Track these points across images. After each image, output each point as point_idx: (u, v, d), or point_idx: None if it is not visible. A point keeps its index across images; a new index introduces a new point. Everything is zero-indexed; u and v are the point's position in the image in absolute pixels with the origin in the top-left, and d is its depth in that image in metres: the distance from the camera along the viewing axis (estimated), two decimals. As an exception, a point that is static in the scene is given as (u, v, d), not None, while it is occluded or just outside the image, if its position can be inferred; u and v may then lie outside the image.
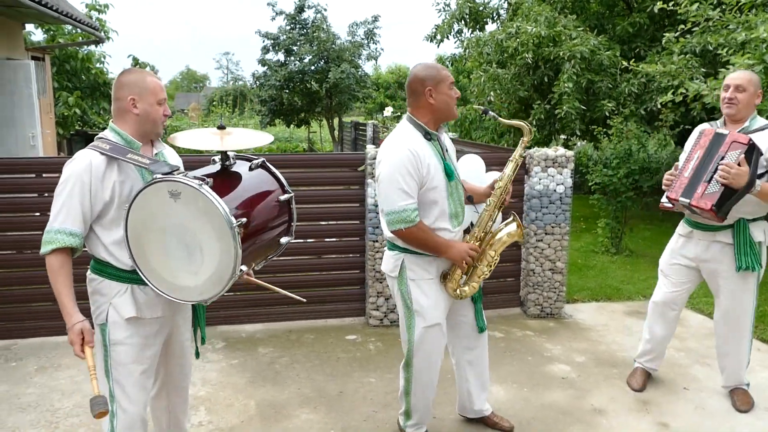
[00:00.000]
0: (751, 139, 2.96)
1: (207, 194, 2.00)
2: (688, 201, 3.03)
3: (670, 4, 6.51)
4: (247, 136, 2.42)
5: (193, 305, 2.54)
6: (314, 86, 16.34)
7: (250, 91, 27.28)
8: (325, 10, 17.22)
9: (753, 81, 3.12)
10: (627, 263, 6.72)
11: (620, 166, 6.75)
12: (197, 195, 2.01)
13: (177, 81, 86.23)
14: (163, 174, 2.08)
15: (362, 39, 17.66)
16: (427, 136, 2.69)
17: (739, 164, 2.90)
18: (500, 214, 2.93)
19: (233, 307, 4.68)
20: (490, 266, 2.87)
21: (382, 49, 18.10)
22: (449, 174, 2.69)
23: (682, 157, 3.28)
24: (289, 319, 4.79)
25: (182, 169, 2.40)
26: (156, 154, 2.37)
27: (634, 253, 7.09)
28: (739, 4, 5.90)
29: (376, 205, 4.54)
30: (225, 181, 2.27)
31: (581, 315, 5.04)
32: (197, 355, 2.64)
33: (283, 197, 2.39)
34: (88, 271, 2.31)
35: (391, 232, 2.69)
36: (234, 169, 2.35)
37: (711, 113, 6.96)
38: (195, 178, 2.04)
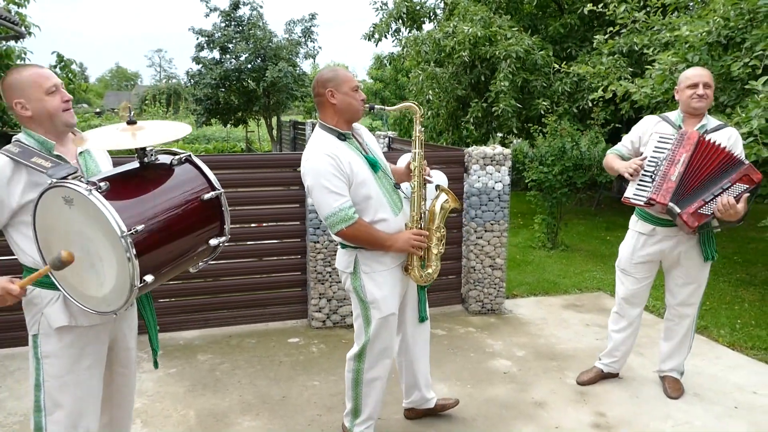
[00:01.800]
0: (761, 178, 3.06)
1: (95, 200, 1.83)
2: (678, 211, 3.07)
3: (600, 6, 6.74)
4: (163, 129, 2.17)
5: (139, 311, 2.42)
6: (251, 85, 16.03)
7: (185, 89, 26.55)
8: (261, 7, 16.95)
9: (712, 77, 3.28)
10: (563, 257, 6.91)
11: (555, 163, 6.94)
12: (87, 202, 1.85)
13: (106, 79, 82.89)
14: (58, 179, 1.91)
15: (299, 37, 17.47)
16: (341, 136, 2.74)
17: (738, 201, 3.01)
18: (425, 190, 2.93)
19: (169, 313, 4.51)
20: (441, 240, 2.90)
21: (320, 48, 17.97)
22: (373, 165, 2.76)
23: (650, 151, 3.24)
24: (228, 324, 4.66)
25: (95, 166, 2.25)
26: (80, 153, 2.22)
27: (569, 248, 7.30)
28: (664, 6, 6.17)
29: (317, 206, 4.50)
30: (133, 181, 2.08)
31: (521, 310, 5.14)
32: (155, 364, 2.49)
33: (208, 195, 2.16)
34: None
35: (335, 234, 2.71)
36: (155, 166, 2.14)
37: (639, 112, 7.24)
38: (88, 182, 1.88)
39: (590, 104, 8.30)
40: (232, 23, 16.76)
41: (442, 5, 10.64)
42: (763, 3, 4.58)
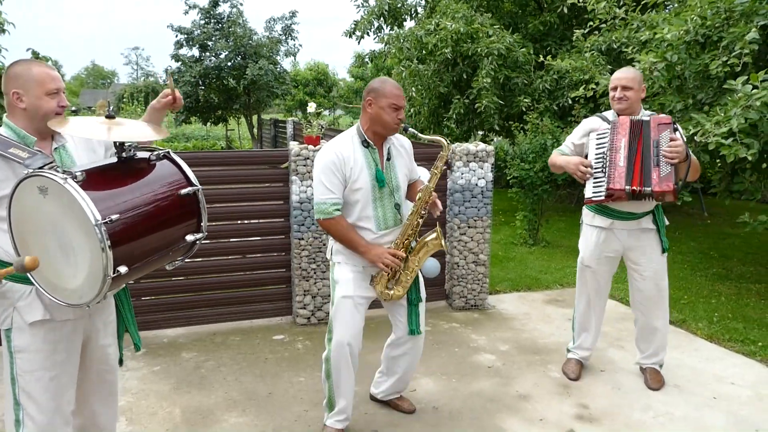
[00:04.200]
0: (671, 118, 3.21)
1: (70, 189, 1.83)
2: (650, 189, 3.17)
3: (580, 1, 6.81)
4: (139, 129, 2.17)
5: (117, 307, 2.40)
6: (231, 83, 15.92)
7: (163, 87, 26.26)
8: (241, 4, 16.84)
9: (637, 78, 3.39)
10: (544, 254, 6.99)
11: (536, 160, 7.00)
12: (62, 190, 1.84)
13: (82, 77, 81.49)
14: (34, 169, 1.92)
15: (280, 35, 17.38)
16: (365, 143, 2.87)
17: (672, 140, 3.16)
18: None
19: (152, 311, 4.48)
20: (413, 272, 2.96)
21: (301, 45, 17.90)
22: (380, 181, 2.86)
23: (593, 150, 3.40)
24: (212, 322, 4.64)
25: (71, 161, 2.23)
26: (55, 149, 2.19)
27: (550, 244, 7.38)
28: (642, 2, 6.27)
29: (301, 203, 4.50)
30: (111, 175, 2.08)
31: (504, 305, 5.19)
32: (120, 362, 2.49)
33: (185, 191, 2.15)
34: None
35: (316, 220, 2.98)
36: (132, 161, 2.14)
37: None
38: (64, 172, 1.88)
39: (570, 101, 8.40)
40: (212, 21, 16.62)
41: (423, 3, 10.66)
42: (739, 2, 4.68)
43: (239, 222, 4.67)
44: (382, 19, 10.46)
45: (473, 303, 5.06)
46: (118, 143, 2.09)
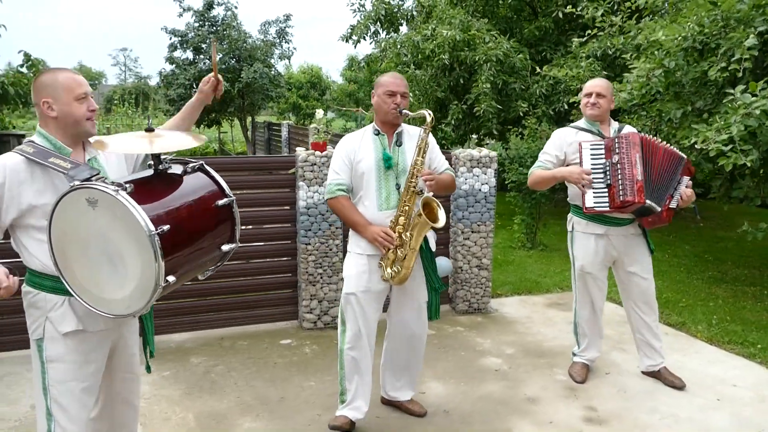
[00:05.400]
0: (680, 154, 3.46)
1: (123, 201, 1.86)
2: (660, 209, 3.39)
3: (578, 9, 6.90)
4: (178, 138, 2.25)
5: (140, 316, 2.44)
6: (225, 85, 15.88)
7: (153, 89, 26.17)
8: (236, 7, 16.83)
9: (609, 88, 3.61)
10: (542, 257, 7.07)
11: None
12: (114, 202, 1.87)
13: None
14: (81, 180, 1.94)
15: (274, 38, 17.40)
16: (376, 131, 3.15)
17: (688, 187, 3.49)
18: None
19: (159, 316, 4.47)
20: (413, 250, 3.01)
21: (295, 49, 17.93)
22: (386, 160, 3.06)
23: (589, 161, 3.45)
24: (219, 326, 4.67)
25: (125, 173, 2.29)
26: (89, 160, 2.21)
27: (547, 248, 7.46)
28: (639, 9, 6.36)
29: (308, 208, 4.55)
30: (153, 186, 2.13)
31: (506, 309, 5.26)
32: (148, 369, 2.53)
33: (222, 202, 2.22)
34: (23, 284, 2.16)
35: (325, 202, 3.29)
36: (168, 173, 2.19)
37: (615, 113, 7.46)
38: (113, 183, 1.91)
39: (566, 106, 8.50)
40: (206, 23, 16.60)
41: (419, 8, 10.72)
42: (737, 9, 4.77)
43: (245, 227, 4.70)
44: (378, 23, 10.52)
45: (476, 307, 5.12)
46: (152, 155, 2.12)
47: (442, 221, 2.95)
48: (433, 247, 3.19)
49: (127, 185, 1.90)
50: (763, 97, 4.15)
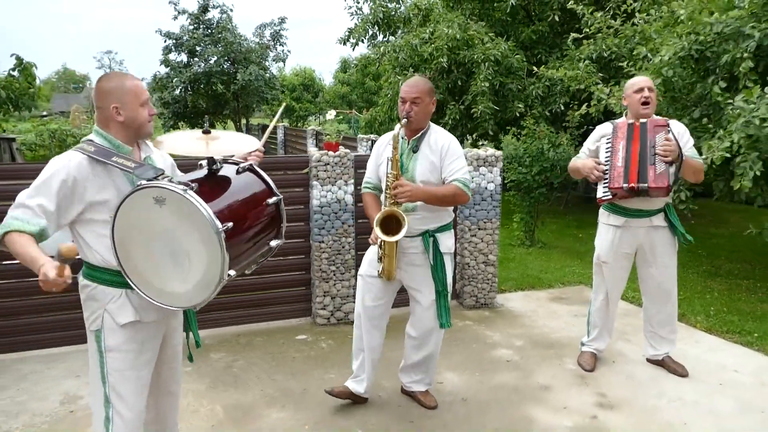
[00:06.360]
0: (667, 120, 3.55)
1: (192, 199, 1.99)
2: (646, 185, 3.46)
3: (579, 7, 7.07)
4: (234, 141, 2.41)
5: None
6: (220, 88, 15.99)
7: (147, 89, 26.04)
8: (231, 10, 16.91)
9: (652, 83, 3.71)
10: (541, 254, 7.25)
11: (533, 164, 7.27)
12: (182, 200, 2.00)
13: (53, 81, 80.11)
14: (148, 179, 2.07)
15: (269, 41, 17.50)
16: (402, 135, 3.27)
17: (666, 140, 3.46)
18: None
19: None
20: (388, 256, 3.17)
21: (289, 51, 18.07)
22: (402, 166, 3.18)
23: (603, 154, 3.68)
24: (234, 324, 4.79)
25: (169, 173, 2.42)
26: (144, 158, 2.34)
27: (546, 245, 7.65)
28: (633, 11, 6.56)
29: (321, 207, 4.68)
30: (211, 185, 2.27)
31: (511, 303, 5.42)
32: (191, 358, 2.66)
33: (272, 200, 2.40)
34: (80, 278, 2.28)
35: None
36: (221, 173, 2.34)
37: (609, 115, 7.67)
38: (180, 183, 2.04)
39: (562, 108, 8.69)
40: (201, 26, 16.67)
41: (416, 11, 10.88)
42: (726, 25, 4.94)
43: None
44: (376, 27, 10.66)
45: (483, 302, 5.28)
46: (209, 156, 2.27)
47: (397, 237, 3.02)
48: (448, 248, 3.30)
49: (194, 185, 2.03)
50: (763, 104, 4.30)
